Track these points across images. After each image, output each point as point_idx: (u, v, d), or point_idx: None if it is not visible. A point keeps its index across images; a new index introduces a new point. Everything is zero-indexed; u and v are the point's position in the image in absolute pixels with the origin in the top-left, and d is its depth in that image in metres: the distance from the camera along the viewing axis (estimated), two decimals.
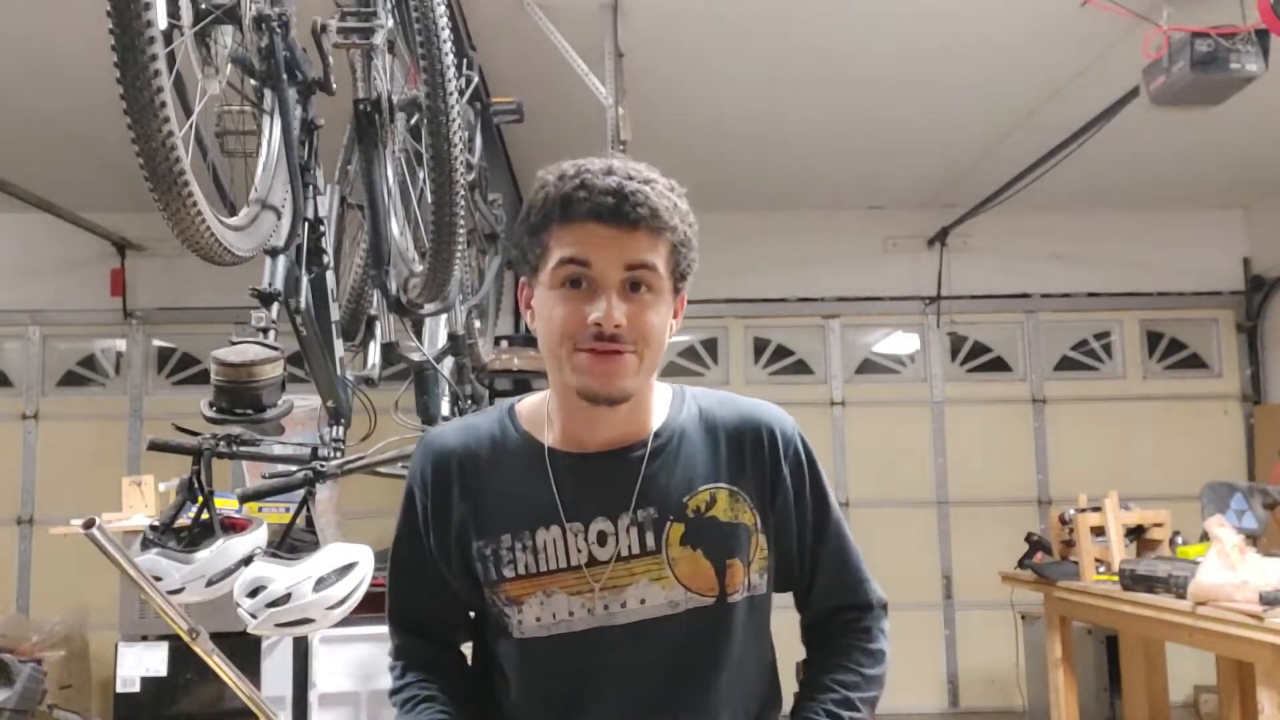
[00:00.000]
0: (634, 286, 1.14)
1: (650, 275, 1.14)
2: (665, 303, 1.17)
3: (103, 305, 5.89)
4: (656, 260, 1.15)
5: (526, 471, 1.22)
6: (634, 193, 1.12)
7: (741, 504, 1.24)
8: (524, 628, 1.22)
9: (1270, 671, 2.83)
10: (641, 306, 1.14)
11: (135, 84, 1.29)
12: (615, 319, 1.11)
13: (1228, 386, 6.24)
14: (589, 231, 1.13)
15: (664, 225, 1.15)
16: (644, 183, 1.14)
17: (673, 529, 1.20)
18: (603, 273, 1.13)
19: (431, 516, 1.26)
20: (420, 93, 2.19)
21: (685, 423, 1.26)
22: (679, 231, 1.17)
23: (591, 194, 1.12)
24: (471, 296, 3.52)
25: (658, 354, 1.18)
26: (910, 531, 5.91)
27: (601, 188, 1.12)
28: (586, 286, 1.13)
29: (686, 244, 1.19)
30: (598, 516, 1.20)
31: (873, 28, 3.87)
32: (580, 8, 3.56)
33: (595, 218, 1.12)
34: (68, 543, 3.09)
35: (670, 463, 1.23)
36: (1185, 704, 5.47)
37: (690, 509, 1.21)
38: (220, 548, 1.98)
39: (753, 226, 6.02)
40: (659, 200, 1.15)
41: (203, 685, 3.50)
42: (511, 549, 1.21)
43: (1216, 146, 5.11)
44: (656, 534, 1.20)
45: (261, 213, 1.79)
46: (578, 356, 1.14)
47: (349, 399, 2.33)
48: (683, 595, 1.21)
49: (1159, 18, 3.44)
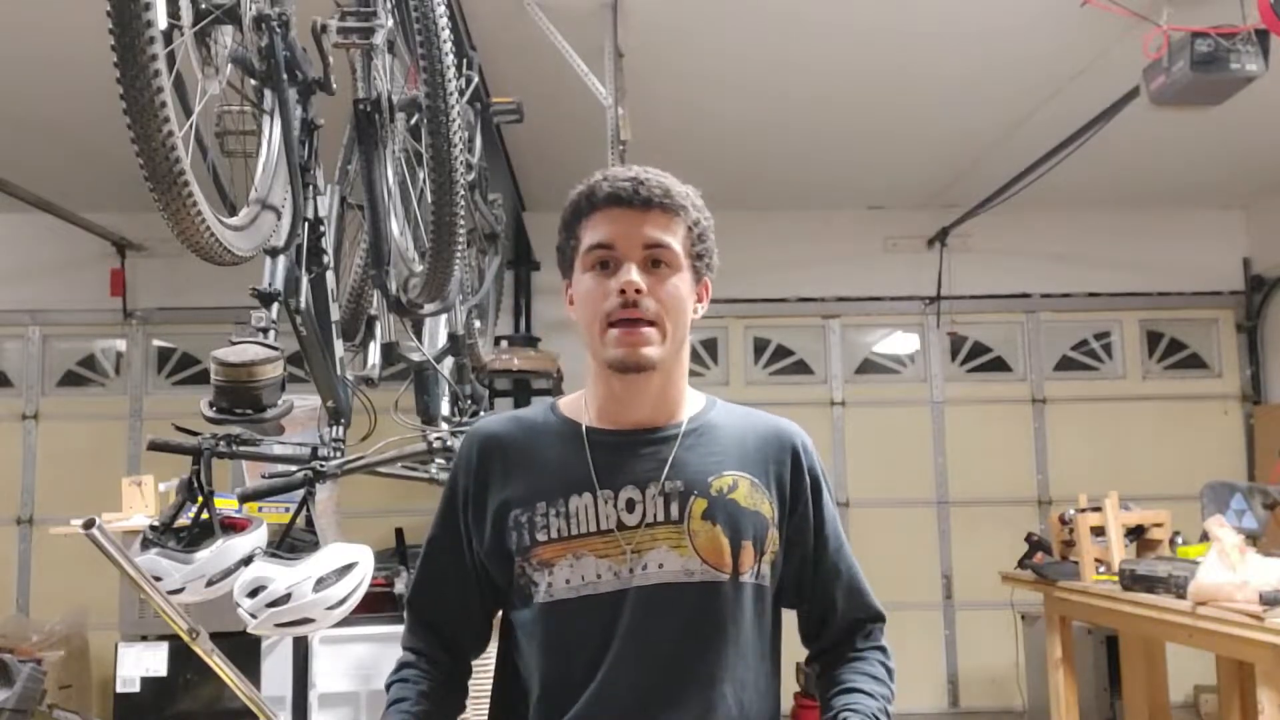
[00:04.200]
0: (655, 264, 1.28)
1: (668, 254, 1.29)
2: (685, 280, 1.31)
3: (103, 305, 5.89)
4: (672, 240, 1.29)
5: (564, 448, 1.34)
6: (649, 178, 1.29)
7: (762, 495, 1.33)
8: (553, 590, 1.29)
9: (1270, 671, 2.83)
10: (661, 279, 1.28)
11: (135, 84, 1.29)
12: (636, 284, 1.25)
13: (1228, 386, 6.24)
14: (611, 216, 1.29)
15: (677, 204, 1.30)
16: (659, 175, 1.31)
17: (696, 503, 1.29)
18: (625, 251, 1.28)
19: (473, 496, 1.35)
20: (420, 93, 2.18)
21: (716, 418, 1.38)
22: (692, 214, 1.32)
23: (612, 182, 1.30)
24: (471, 296, 3.52)
25: (680, 327, 1.30)
26: (910, 531, 5.92)
27: (621, 176, 1.30)
28: (612, 266, 1.28)
29: (702, 230, 1.34)
30: (627, 485, 1.30)
31: (873, 28, 3.87)
32: (580, 8, 3.56)
33: (615, 201, 1.28)
34: (68, 543, 3.08)
35: (700, 447, 1.34)
36: (1185, 704, 5.48)
37: (714, 489, 1.30)
38: (220, 548, 1.98)
39: (753, 226, 6.02)
40: (672, 185, 1.31)
41: (203, 685, 3.50)
42: (546, 514, 1.30)
43: (1216, 146, 5.11)
44: (681, 505, 1.29)
45: (261, 213, 1.79)
46: (609, 333, 1.27)
47: (349, 399, 2.33)
48: (698, 566, 1.28)
49: (1159, 17, 3.44)
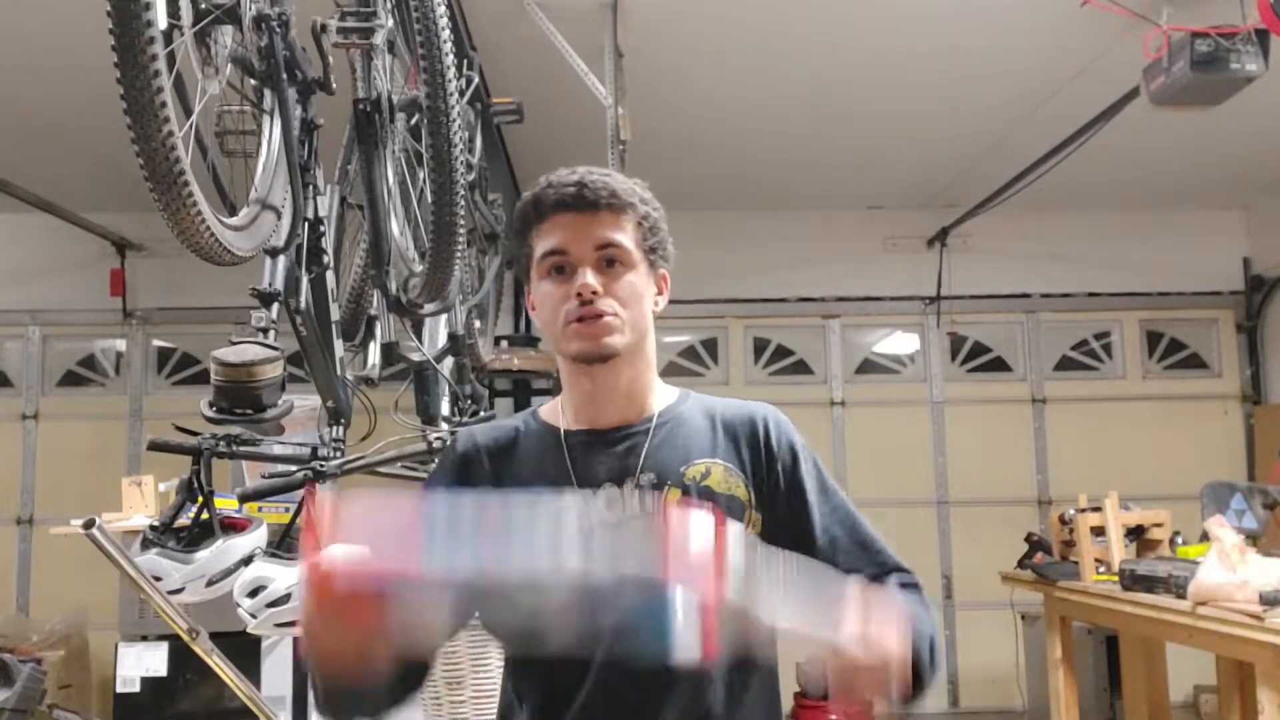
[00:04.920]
0: (609, 264, 1.30)
1: (620, 252, 1.30)
2: (640, 275, 1.32)
3: (102, 305, 5.88)
4: (623, 238, 1.30)
5: (544, 451, 1.35)
6: (592, 180, 1.29)
7: (735, 479, 1.33)
8: None
9: (1270, 671, 2.83)
10: (615, 277, 1.30)
11: (135, 84, 1.29)
12: (591, 285, 1.27)
13: (1228, 386, 6.24)
14: (560, 223, 1.29)
15: (623, 203, 1.31)
16: (603, 174, 1.31)
17: (670, 493, 1.30)
18: (578, 255, 1.29)
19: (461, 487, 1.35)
20: (420, 93, 2.19)
21: (686, 410, 1.39)
22: (640, 209, 1.33)
23: (557, 188, 1.30)
24: (471, 296, 3.52)
25: (640, 316, 1.32)
26: (910, 531, 5.91)
27: (564, 181, 1.30)
28: (567, 271, 1.29)
29: (652, 224, 1.34)
30: (605, 483, 1.31)
31: (873, 28, 3.87)
32: (580, 8, 3.56)
33: (562, 207, 1.29)
34: (68, 543, 3.08)
35: (671, 439, 1.35)
36: (1185, 704, 5.47)
37: (687, 477, 1.31)
38: (220, 548, 1.98)
39: (753, 226, 6.02)
40: (617, 184, 1.31)
41: (203, 685, 3.51)
42: None
43: (1216, 146, 5.11)
44: (654, 497, 1.30)
45: (261, 213, 1.79)
46: (569, 329, 1.29)
47: (349, 399, 2.33)
48: None
49: (1159, 17, 3.44)
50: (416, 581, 0.95)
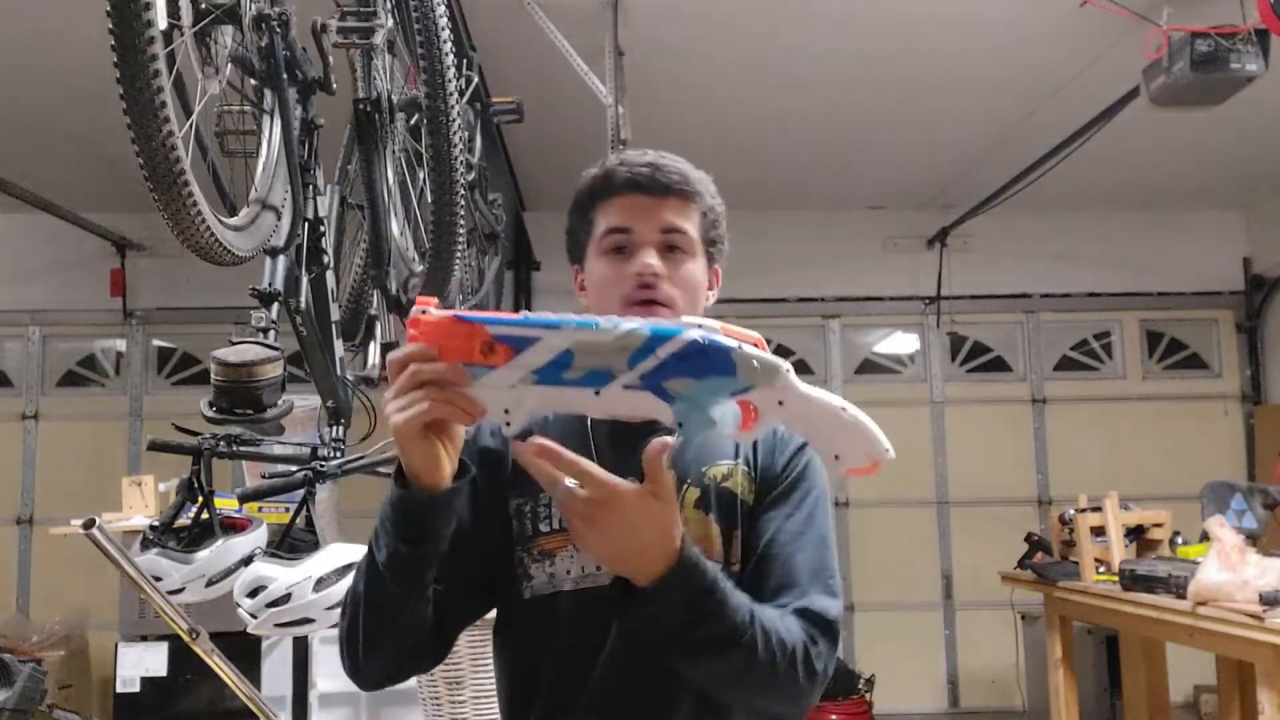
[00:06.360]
0: (670, 249, 1.29)
1: (683, 239, 1.29)
2: (699, 266, 1.32)
3: (103, 305, 5.89)
4: (688, 226, 1.30)
5: (569, 440, 1.27)
6: (665, 164, 1.30)
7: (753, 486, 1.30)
8: (556, 580, 1.26)
9: (1270, 671, 2.83)
10: (677, 264, 1.29)
11: (135, 84, 1.29)
12: (654, 267, 1.26)
13: (1228, 387, 6.24)
14: (628, 201, 1.29)
15: (694, 191, 1.31)
16: (674, 160, 1.32)
17: (689, 492, 1.27)
18: (641, 236, 1.28)
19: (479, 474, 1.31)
20: (420, 93, 2.19)
21: None
22: (706, 200, 1.33)
23: (630, 166, 1.30)
24: (471, 296, 3.52)
25: (694, 308, 1.30)
26: (910, 531, 5.91)
27: (638, 162, 1.30)
28: (626, 251, 1.28)
29: (716, 217, 1.34)
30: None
31: (873, 27, 3.87)
32: (580, 7, 3.56)
33: (633, 187, 1.29)
34: (68, 543, 3.08)
35: (696, 439, 1.31)
36: (1185, 704, 5.47)
37: (708, 477, 1.29)
38: (220, 548, 1.98)
39: (752, 226, 5.99)
40: (689, 170, 1.32)
41: (203, 685, 3.51)
42: (548, 505, 1.27)
43: (1216, 146, 5.11)
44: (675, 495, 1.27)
45: (261, 213, 1.79)
46: (624, 312, 1.24)
47: (349, 399, 2.33)
48: None
49: (1159, 18, 3.44)
50: (504, 332, 0.98)
